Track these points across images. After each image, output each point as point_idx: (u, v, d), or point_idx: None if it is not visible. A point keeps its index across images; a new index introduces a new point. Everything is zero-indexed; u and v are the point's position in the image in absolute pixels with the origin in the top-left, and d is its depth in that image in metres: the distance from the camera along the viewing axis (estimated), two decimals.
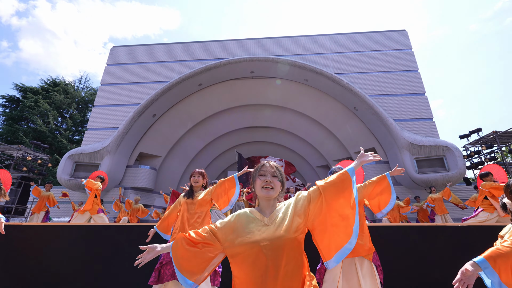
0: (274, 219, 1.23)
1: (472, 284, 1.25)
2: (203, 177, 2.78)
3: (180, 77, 12.20)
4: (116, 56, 13.69)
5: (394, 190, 2.48)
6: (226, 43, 13.25)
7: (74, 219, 6.23)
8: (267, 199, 1.29)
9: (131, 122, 11.63)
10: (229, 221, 1.26)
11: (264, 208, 1.30)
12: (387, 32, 12.99)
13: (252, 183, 1.36)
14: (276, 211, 1.27)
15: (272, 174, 1.31)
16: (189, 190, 2.76)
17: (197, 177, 2.74)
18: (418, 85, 11.59)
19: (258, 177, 1.32)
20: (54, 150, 19.82)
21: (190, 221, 2.55)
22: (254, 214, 1.27)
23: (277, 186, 1.29)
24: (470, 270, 1.26)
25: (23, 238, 3.42)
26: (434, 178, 9.53)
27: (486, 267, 1.26)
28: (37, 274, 3.28)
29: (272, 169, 1.32)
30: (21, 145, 11.49)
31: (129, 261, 3.24)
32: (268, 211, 1.28)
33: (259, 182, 1.30)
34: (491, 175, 4.83)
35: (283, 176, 1.35)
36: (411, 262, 2.99)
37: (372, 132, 12.05)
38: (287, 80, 13.11)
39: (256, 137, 16.40)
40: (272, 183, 1.28)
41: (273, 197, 1.29)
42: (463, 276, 1.26)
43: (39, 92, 21.65)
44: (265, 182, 1.28)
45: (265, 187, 1.27)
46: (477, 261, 1.28)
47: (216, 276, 2.49)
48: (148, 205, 12.47)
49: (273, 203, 1.30)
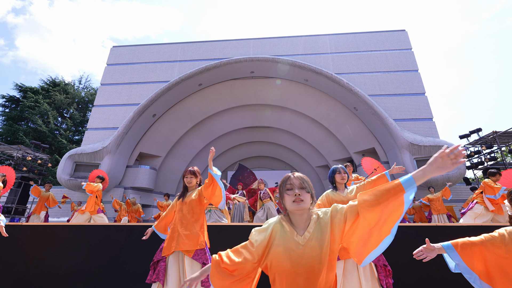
0: (309, 240, 1.17)
1: (430, 257, 1.41)
2: (195, 176, 2.73)
3: (180, 77, 12.20)
4: (116, 56, 13.69)
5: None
6: (226, 43, 13.25)
7: (74, 219, 6.23)
8: (299, 213, 1.23)
9: (131, 122, 11.63)
10: (265, 236, 1.23)
11: (297, 223, 1.24)
12: (387, 32, 12.99)
13: (281, 198, 1.32)
14: (310, 227, 1.21)
15: (299, 186, 1.25)
16: (183, 191, 2.74)
17: (190, 177, 2.70)
18: (418, 85, 11.59)
19: (285, 192, 1.27)
20: (54, 150, 19.81)
21: (183, 222, 2.51)
22: (289, 230, 1.22)
23: (307, 198, 1.23)
24: (433, 246, 1.44)
25: (23, 238, 3.42)
26: (434, 178, 9.53)
27: (449, 249, 1.41)
28: (37, 274, 3.28)
29: (298, 181, 1.26)
30: (21, 145, 11.48)
31: (129, 261, 3.25)
32: (301, 227, 1.23)
33: (287, 197, 1.25)
34: (498, 176, 4.93)
35: (311, 186, 1.29)
36: (411, 262, 2.99)
37: (372, 132, 12.05)
38: (287, 80, 13.11)
39: (256, 137, 16.40)
40: (301, 195, 1.22)
41: (305, 209, 1.23)
42: (425, 249, 1.44)
43: (39, 92, 21.64)
44: (294, 196, 1.22)
45: (296, 201, 1.22)
46: (443, 244, 1.43)
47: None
48: (148, 205, 12.48)
49: (307, 217, 1.25)
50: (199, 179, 2.78)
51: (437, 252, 1.42)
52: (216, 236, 3.14)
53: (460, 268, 1.38)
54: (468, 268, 1.36)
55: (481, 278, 1.34)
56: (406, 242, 3.13)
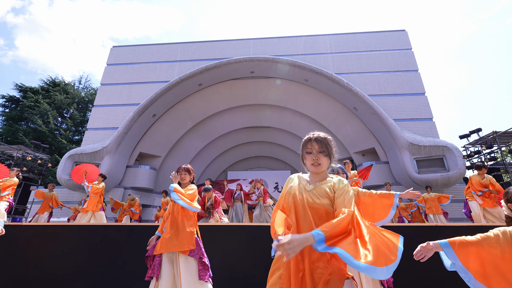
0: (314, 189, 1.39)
1: (428, 257, 1.43)
2: (189, 173, 2.74)
3: (180, 77, 12.20)
4: (116, 56, 13.69)
5: (393, 212, 2.41)
6: (226, 43, 13.25)
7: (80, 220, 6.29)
8: (316, 173, 1.44)
9: (131, 122, 11.63)
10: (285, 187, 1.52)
11: (313, 179, 1.46)
12: (387, 32, 12.99)
13: (301, 156, 1.51)
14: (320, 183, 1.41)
15: (318, 150, 1.41)
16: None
17: (184, 174, 2.70)
18: (418, 85, 11.59)
19: (305, 154, 1.46)
20: (54, 150, 19.81)
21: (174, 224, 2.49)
22: (303, 182, 1.46)
23: (324, 161, 1.41)
24: (431, 245, 1.44)
25: (23, 238, 3.42)
26: (434, 178, 9.53)
27: (446, 247, 1.41)
28: (37, 274, 3.28)
29: (318, 145, 1.41)
30: (21, 145, 11.48)
31: (129, 261, 3.25)
32: (313, 181, 1.44)
33: (307, 160, 1.44)
34: (484, 169, 5.18)
35: (330, 148, 1.44)
36: (410, 262, 2.99)
37: (372, 132, 12.05)
38: (287, 80, 13.11)
39: (256, 137, 16.40)
40: (319, 159, 1.40)
41: (321, 172, 1.43)
42: (423, 249, 1.44)
43: (39, 92, 21.64)
44: (312, 160, 1.41)
45: (314, 165, 1.40)
46: (440, 242, 1.44)
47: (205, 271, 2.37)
48: (148, 205, 12.48)
49: (322, 175, 1.45)
50: (193, 176, 2.79)
51: (434, 249, 1.43)
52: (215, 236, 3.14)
53: (456, 267, 1.39)
54: (464, 267, 1.37)
55: (476, 278, 1.34)
56: (406, 242, 3.13)
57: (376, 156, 12.23)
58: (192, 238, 2.43)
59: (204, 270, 2.36)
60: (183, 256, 2.35)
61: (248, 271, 3.03)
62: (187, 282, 2.25)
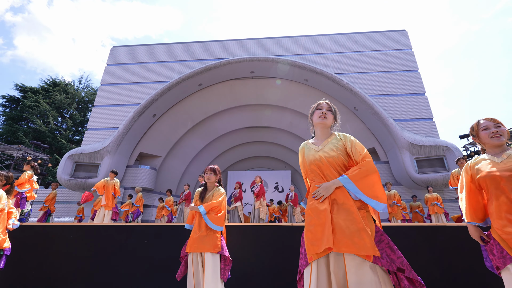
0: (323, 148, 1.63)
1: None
2: (215, 174, 2.73)
3: (180, 77, 12.20)
4: (116, 56, 13.69)
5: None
6: (226, 43, 13.25)
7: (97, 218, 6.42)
8: (321, 127, 1.68)
9: (131, 122, 11.63)
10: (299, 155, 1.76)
11: (319, 136, 1.71)
12: (387, 32, 12.98)
13: (310, 117, 1.77)
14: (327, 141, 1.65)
15: (327, 108, 1.70)
16: (203, 189, 2.74)
17: (209, 174, 2.70)
18: (418, 85, 11.58)
19: (316, 110, 1.72)
20: (54, 150, 19.81)
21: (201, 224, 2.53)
22: (312, 145, 1.69)
23: (330, 117, 1.68)
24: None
25: (23, 238, 3.42)
26: (434, 178, 9.53)
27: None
28: (37, 274, 3.28)
29: (327, 105, 1.71)
30: (21, 145, 11.49)
31: (130, 261, 3.25)
32: (321, 140, 1.68)
33: (316, 114, 1.70)
34: (462, 160, 5.28)
35: (336, 112, 1.73)
36: (411, 262, 2.99)
37: (372, 132, 12.05)
38: (287, 80, 13.10)
39: (256, 137, 16.40)
40: (327, 114, 1.67)
41: (327, 125, 1.67)
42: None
43: (39, 92, 21.64)
44: (321, 113, 1.67)
45: (321, 116, 1.66)
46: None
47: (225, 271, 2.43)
48: (148, 205, 12.48)
49: (327, 131, 1.70)
50: (219, 177, 2.78)
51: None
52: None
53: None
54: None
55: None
56: (406, 242, 3.13)
57: (376, 156, 12.23)
58: (218, 240, 2.47)
59: (225, 270, 2.44)
60: (209, 254, 2.41)
61: (251, 270, 3.03)
62: (210, 280, 2.32)
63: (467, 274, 2.90)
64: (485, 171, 1.59)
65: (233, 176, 17.23)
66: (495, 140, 1.62)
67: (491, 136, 1.64)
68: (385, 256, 1.33)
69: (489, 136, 1.64)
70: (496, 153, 1.64)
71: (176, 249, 3.03)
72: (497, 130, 1.63)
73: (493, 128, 1.65)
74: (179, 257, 2.72)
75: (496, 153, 1.64)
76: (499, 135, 1.62)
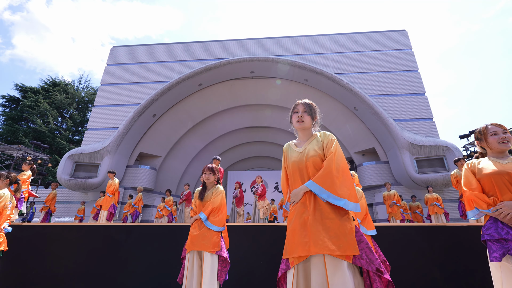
0: (305, 149, 1.61)
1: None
2: (214, 173, 2.70)
3: (180, 77, 12.19)
4: (116, 56, 13.68)
5: None
6: (226, 43, 13.25)
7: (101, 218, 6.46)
8: (301, 129, 1.67)
9: (131, 122, 11.62)
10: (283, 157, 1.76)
11: (301, 138, 1.70)
12: (387, 32, 12.98)
13: (290, 118, 1.74)
14: (307, 142, 1.63)
15: (303, 110, 1.66)
16: (202, 188, 2.72)
17: (208, 174, 2.68)
18: (418, 85, 11.58)
19: (293, 114, 1.70)
20: (54, 150, 19.81)
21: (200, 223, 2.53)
22: (294, 147, 1.68)
23: (307, 119, 1.65)
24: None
25: (23, 238, 3.42)
26: (434, 178, 9.52)
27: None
28: (37, 274, 3.28)
29: (302, 107, 1.67)
30: (21, 145, 11.49)
31: (129, 261, 3.25)
32: (303, 142, 1.67)
33: (294, 118, 1.68)
34: (462, 160, 5.19)
35: (314, 110, 1.69)
36: (411, 261, 2.99)
37: (372, 132, 12.05)
38: (287, 80, 13.10)
39: (256, 137, 16.40)
40: (303, 117, 1.64)
41: (305, 127, 1.66)
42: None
43: (39, 92, 21.63)
44: (297, 117, 1.65)
45: (298, 121, 1.64)
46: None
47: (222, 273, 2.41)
48: (148, 205, 12.48)
49: (308, 133, 1.68)
50: (217, 176, 2.75)
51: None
52: None
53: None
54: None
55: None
56: (406, 242, 3.14)
57: (376, 156, 12.23)
58: (217, 240, 2.45)
59: (221, 272, 2.41)
60: (208, 254, 2.39)
61: (251, 270, 3.02)
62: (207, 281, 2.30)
63: (467, 274, 2.90)
64: (491, 169, 1.68)
65: (233, 176, 17.22)
66: (503, 146, 1.72)
67: (499, 142, 1.72)
68: (365, 256, 1.32)
69: (498, 141, 1.73)
70: (500, 158, 1.74)
71: (176, 249, 3.03)
72: (505, 136, 1.72)
73: (501, 134, 1.74)
74: (179, 257, 2.72)
75: (500, 157, 1.74)
76: (507, 141, 1.71)
